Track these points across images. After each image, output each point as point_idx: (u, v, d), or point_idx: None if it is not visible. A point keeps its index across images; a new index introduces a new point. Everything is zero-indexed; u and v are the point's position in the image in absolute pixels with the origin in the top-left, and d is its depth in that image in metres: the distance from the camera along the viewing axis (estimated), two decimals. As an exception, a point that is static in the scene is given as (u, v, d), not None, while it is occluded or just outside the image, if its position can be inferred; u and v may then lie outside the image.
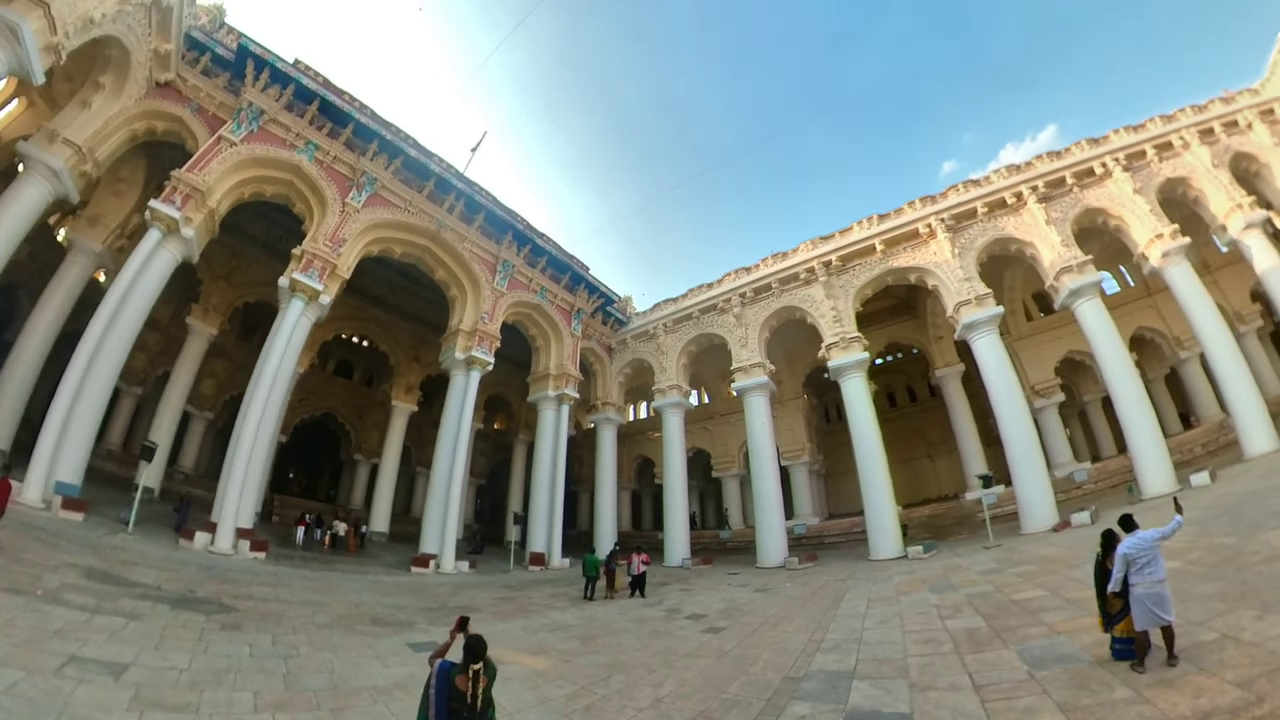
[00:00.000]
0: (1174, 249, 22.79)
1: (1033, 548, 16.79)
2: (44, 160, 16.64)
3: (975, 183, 26.58)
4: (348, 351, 39.65)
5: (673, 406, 30.53)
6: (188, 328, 27.63)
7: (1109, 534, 7.05)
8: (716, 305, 30.47)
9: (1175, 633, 6.17)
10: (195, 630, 8.99)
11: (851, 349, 25.51)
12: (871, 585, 15.79)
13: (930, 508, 31.31)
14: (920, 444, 39.15)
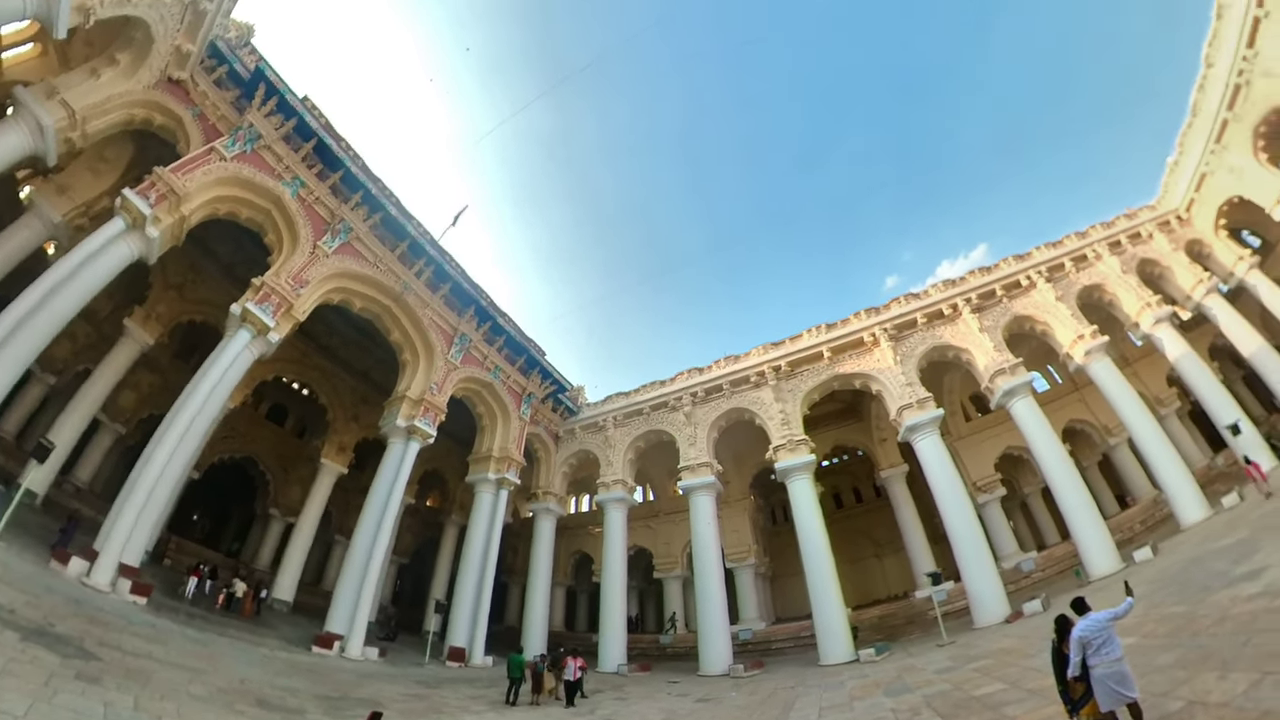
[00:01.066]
0: (1095, 347, 25.12)
1: (987, 641, 16.47)
2: (35, 112, 15.69)
3: (915, 295, 29.05)
4: (285, 396, 36.92)
5: (616, 501, 29.44)
6: (124, 329, 25.10)
7: (1062, 619, 7.06)
8: (668, 403, 30.58)
9: (1142, 708, 6.00)
10: (44, 672, 7.45)
11: (799, 451, 25.91)
12: (823, 692, 14.82)
13: (881, 608, 30.50)
14: (868, 544, 38.89)
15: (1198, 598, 10.96)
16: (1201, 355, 27.12)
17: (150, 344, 25.83)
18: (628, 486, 30.19)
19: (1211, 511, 20.26)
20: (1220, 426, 23.75)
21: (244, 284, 20.11)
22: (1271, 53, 22.69)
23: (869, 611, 29.87)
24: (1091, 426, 32.68)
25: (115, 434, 28.29)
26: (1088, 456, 33.95)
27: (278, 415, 37.10)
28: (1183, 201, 29.34)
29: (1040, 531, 34.00)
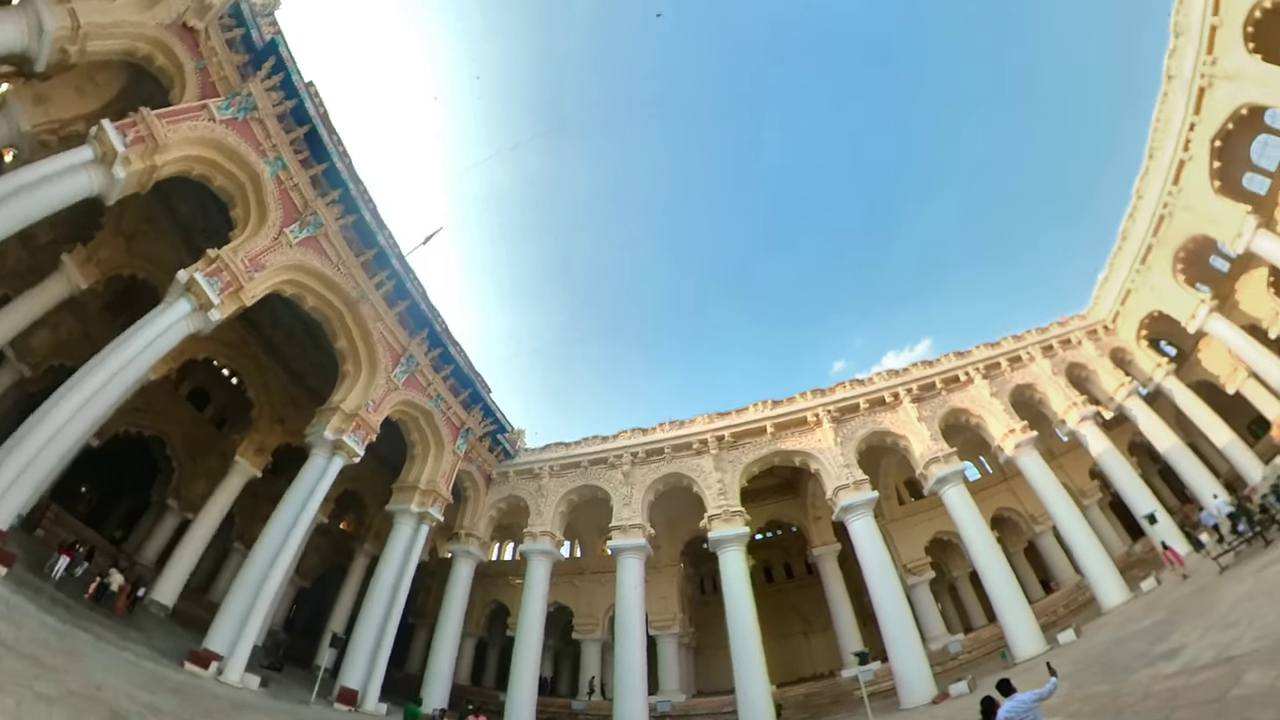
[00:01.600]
0: (1024, 441, 27.05)
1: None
2: (40, 11, 14.56)
3: (860, 381, 30.61)
4: (211, 380, 33.68)
5: (542, 554, 28.22)
6: (59, 264, 22.69)
7: (988, 701, 7.17)
8: (607, 459, 30.12)
9: None
10: None
11: (733, 522, 25.98)
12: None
13: (806, 686, 29.80)
14: (796, 621, 38.27)
15: (1120, 677, 11.27)
16: (1122, 451, 29.55)
17: (83, 288, 23.36)
18: (555, 540, 29.10)
19: (1131, 595, 21.43)
20: (1138, 516, 25.52)
21: (198, 252, 18.97)
22: (1193, 190, 26.67)
23: (794, 689, 29.14)
24: (1019, 515, 34.43)
25: (18, 374, 25.02)
26: (1014, 543, 35.48)
27: (199, 399, 33.70)
28: (1109, 314, 32.99)
29: (968, 614, 34.93)
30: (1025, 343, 31.94)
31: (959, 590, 36.13)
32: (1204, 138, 25.56)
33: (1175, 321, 29.88)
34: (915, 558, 32.93)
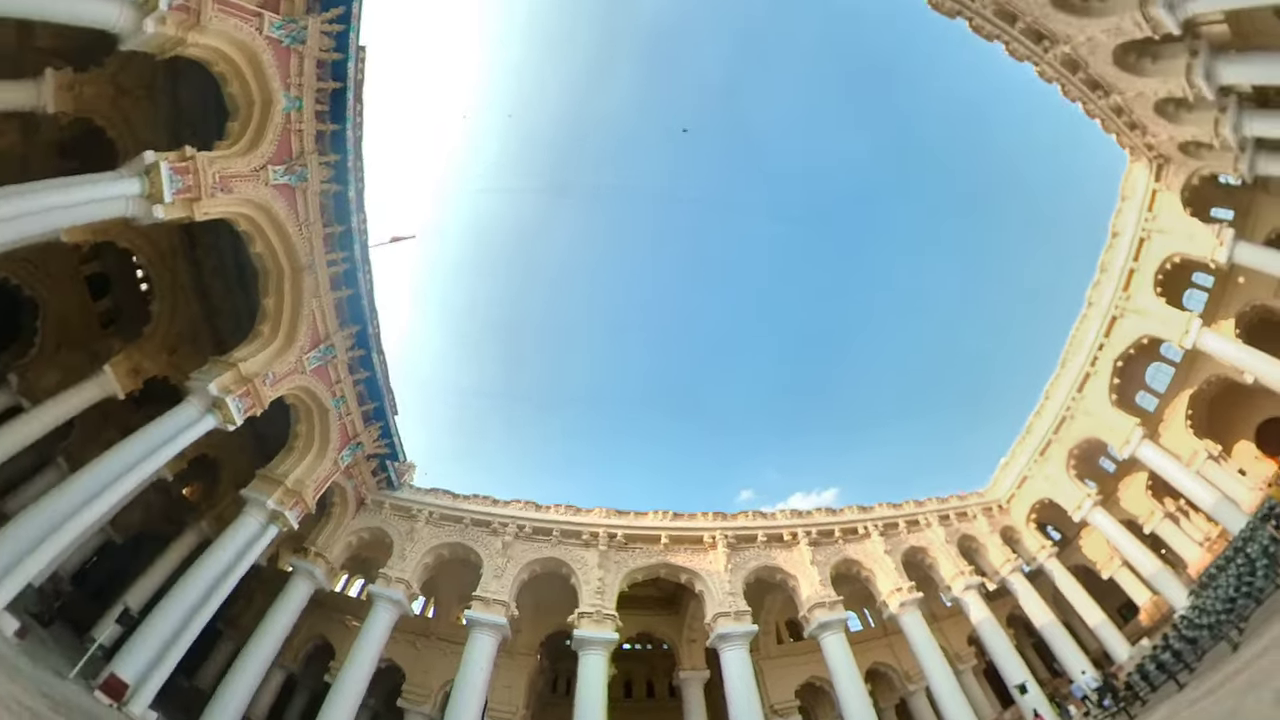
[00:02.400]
0: (910, 600, 28.03)
1: None
2: None
3: (763, 514, 31.46)
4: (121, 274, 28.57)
5: (391, 601, 25.45)
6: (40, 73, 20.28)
7: None
8: (491, 524, 28.48)
9: None
10: None
11: (604, 625, 24.93)
12: None
13: None
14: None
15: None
16: (1000, 622, 30.31)
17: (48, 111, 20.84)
18: (411, 591, 26.52)
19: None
20: (1010, 685, 26.25)
21: (175, 140, 18.49)
22: (1093, 399, 31.31)
23: None
24: (894, 671, 34.00)
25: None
26: (887, 698, 34.91)
27: (98, 286, 29.10)
28: (1006, 495, 36.09)
29: None
30: (925, 509, 33.92)
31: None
32: (1109, 357, 30.47)
33: (1063, 510, 33.03)
34: (784, 699, 31.49)
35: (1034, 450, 34.24)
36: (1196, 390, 30.42)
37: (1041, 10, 20.95)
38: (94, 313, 29.16)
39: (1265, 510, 21.21)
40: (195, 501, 32.85)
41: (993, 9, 21.86)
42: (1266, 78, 19.73)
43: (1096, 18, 20.39)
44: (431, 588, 33.18)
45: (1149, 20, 17.15)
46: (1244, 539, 21.13)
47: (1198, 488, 27.43)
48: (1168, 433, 30.89)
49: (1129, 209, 28.76)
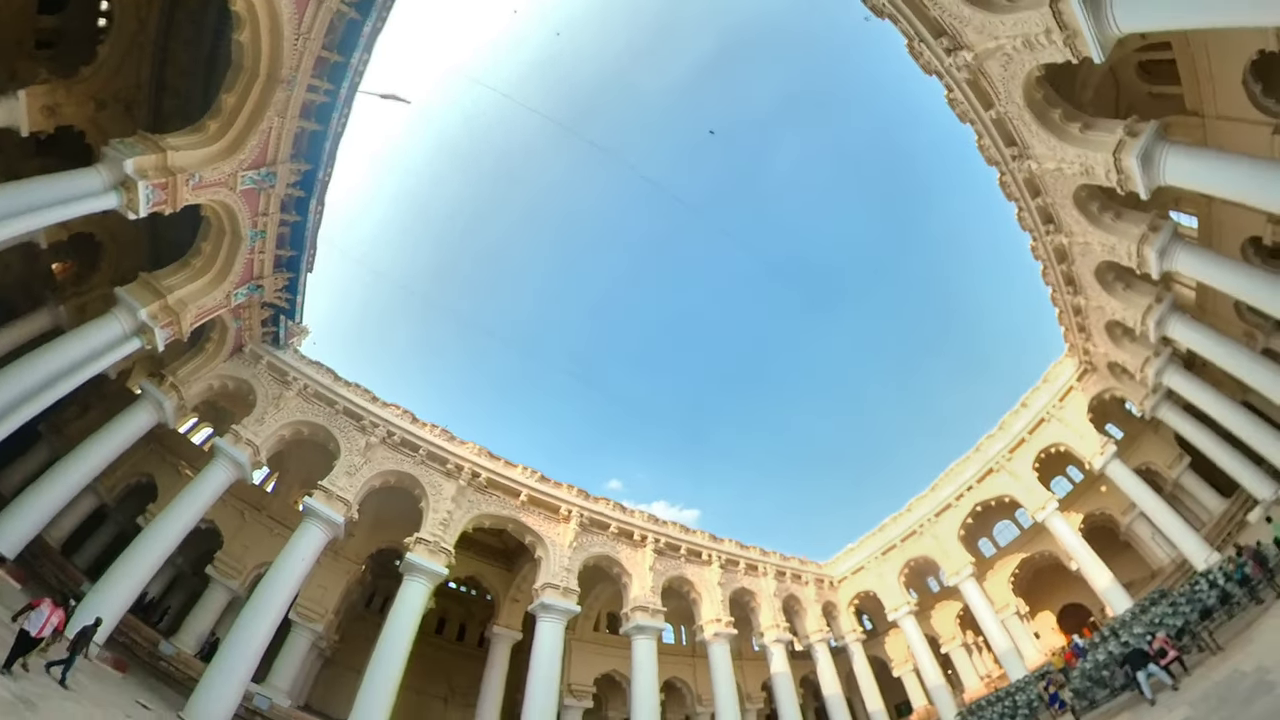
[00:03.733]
0: (724, 633, 29.93)
1: None
2: None
3: (623, 508, 31.93)
4: None
5: (233, 462, 22.77)
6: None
7: None
8: (363, 420, 26.24)
9: None
10: None
11: (438, 557, 23.99)
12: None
13: None
14: (443, 685, 34.32)
15: None
16: (795, 679, 33.17)
17: None
18: (257, 458, 23.80)
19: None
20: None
21: None
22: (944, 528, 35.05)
23: None
24: (689, 690, 36.42)
25: None
26: (675, 712, 37.20)
27: None
28: (839, 575, 39.71)
29: None
30: (767, 559, 36.43)
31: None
32: (973, 499, 34.03)
33: (882, 606, 36.76)
34: (583, 683, 32.50)
35: (879, 548, 37.83)
36: (1029, 556, 35.40)
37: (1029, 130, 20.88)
38: (33, 25, 23.54)
39: (1042, 671, 24.43)
40: (62, 282, 27.82)
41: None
42: (1203, 349, 22.08)
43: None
44: (279, 462, 30.82)
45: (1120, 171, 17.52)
46: (1017, 688, 24.29)
47: (997, 633, 31.28)
48: (992, 580, 35.38)
49: (1044, 391, 32.30)
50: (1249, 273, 17.95)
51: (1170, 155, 16.45)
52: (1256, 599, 13.64)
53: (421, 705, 32.12)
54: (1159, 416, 27.63)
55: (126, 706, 13.42)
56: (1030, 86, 18.64)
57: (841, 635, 37.03)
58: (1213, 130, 20.62)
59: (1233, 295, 18.97)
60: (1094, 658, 19.26)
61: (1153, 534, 29.78)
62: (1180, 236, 19.87)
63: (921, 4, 18.24)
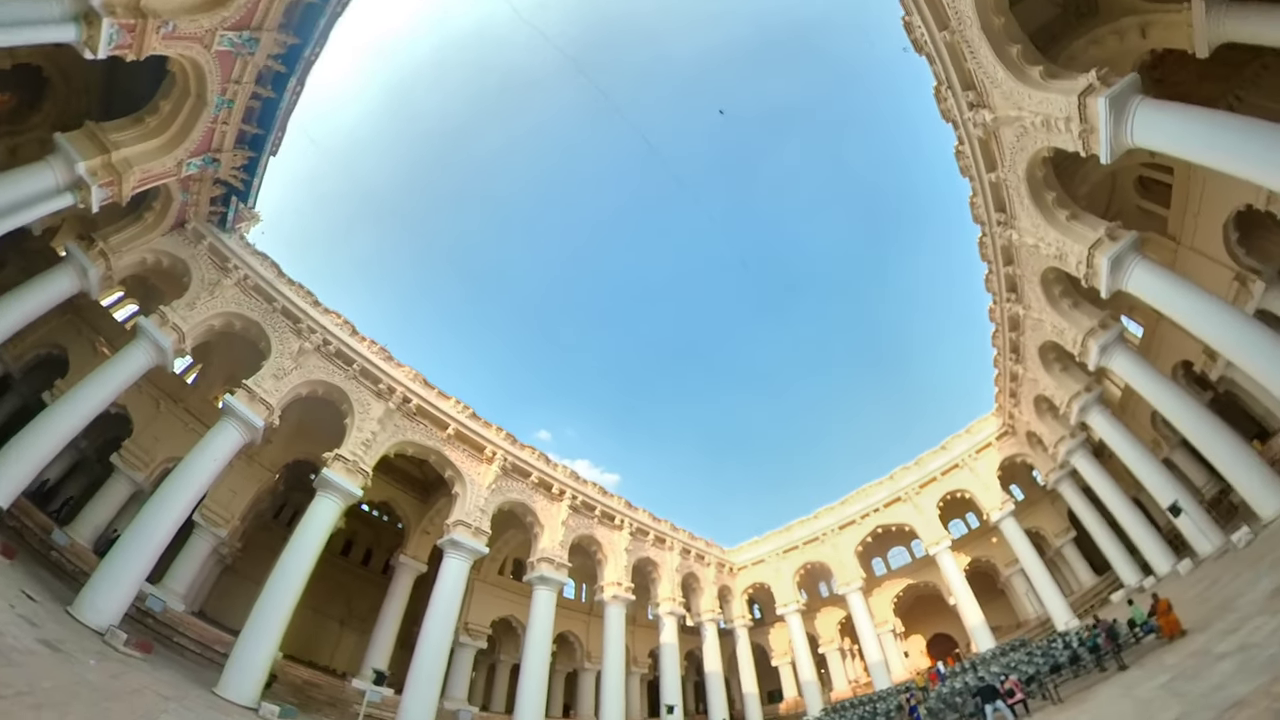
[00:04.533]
0: (623, 597, 31.35)
1: None
2: None
3: (547, 460, 31.99)
4: None
5: (155, 346, 21.09)
6: None
7: None
8: (301, 324, 24.71)
9: None
10: None
11: (355, 477, 23.35)
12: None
13: (313, 674, 26.28)
14: (342, 607, 34.32)
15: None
16: (681, 652, 35.20)
17: None
18: (181, 345, 22.00)
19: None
20: (664, 701, 31.34)
21: None
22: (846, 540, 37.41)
23: (300, 670, 25.68)
24: (580, 644, 38.20)
25: None
26: (564, 664, 38.80)
27: None
28: (741, 563, 42.49)
29: (493, 695, 36.18)
30: (676, 535, 38.14)
31: (497, 671, 37.21)
32: (876, 521, 36.83)
33: (774, 599, 39.54)
34: (480, 624, 33.25)
35: (782, 546, 40.46)
36: (914, 583, 38.99)
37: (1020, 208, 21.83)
38: None
39: (905, 687, 27.39)
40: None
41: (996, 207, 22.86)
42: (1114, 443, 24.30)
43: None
44: (204, 354, 28.89)
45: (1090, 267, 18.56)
46: (880, 697, 27.35)
47: (872, 645, 34.34)
48: (876, 597, 38.72)
49: (965, 440, 35.04)
50: (1173, 391, 19.70)
51: (1138, 267, 17.64)
52: (1101, 666, 15.33)
53: (318, 625, 32.15)
54: (1059, 490, 30.48)
55: (11, 596, 12.66)
56: (1035, 163, 19.30)
57: (731, 619, 39.43)
58: (1182, 257, 22.55)
59: (1153, 405, 20.76)
60: (952, 684, 21.58)
61: (1027, 590, 33.13)
62: (1124, 340, 21.50)
63: (960, 54, 18.40)
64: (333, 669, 29.75)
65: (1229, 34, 16.47)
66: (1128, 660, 14.54)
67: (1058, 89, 16.02)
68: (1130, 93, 14.43)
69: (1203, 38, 16.67)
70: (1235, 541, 17.06)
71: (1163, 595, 15.09)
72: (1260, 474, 16.80)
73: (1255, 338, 15.03)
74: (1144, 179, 23.41)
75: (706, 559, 39.62)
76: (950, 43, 18.12)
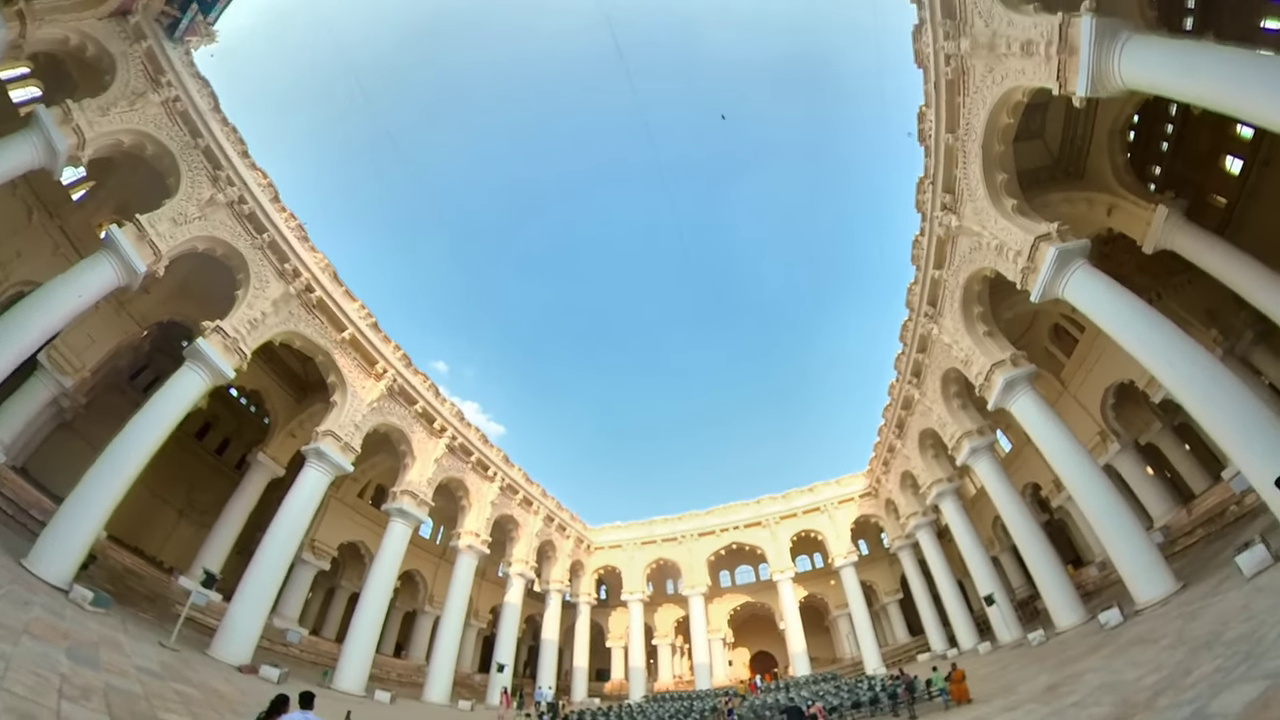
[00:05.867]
0: (478, 548, 31.48)
1: (210, 674, 14.95)
2: None
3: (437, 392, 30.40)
4: None
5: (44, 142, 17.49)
6: None
7: (282, 700, 7.50)
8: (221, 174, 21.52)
9: None
10: None
11: (231, 356, 20.98)
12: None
13: (137, 561, 23.59)
14: (183, 496, 30.92)
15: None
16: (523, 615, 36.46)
17: None
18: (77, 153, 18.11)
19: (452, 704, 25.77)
20: (495, 658, 31.32)
21: None
22: (701, 548, 39.51)
23: (123, 555, 23.10)
24: (424, 586, 37.91)
25: None
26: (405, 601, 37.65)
27: None
28: (599, 544, 44.18)
29: (326, 622, 34.38)
30: (546, 501, 38.63)
31: (335, 597, 35.64)
32: (732, 538, 39.90)
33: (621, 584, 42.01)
34: (328, 544, 31.80)
35: (642, 538, 42.46)
36: (752, 602, 42.52)
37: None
38: None
39: (726, 691, 29.88)
40: None
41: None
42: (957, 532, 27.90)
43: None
44: (100, 171, 24.08)
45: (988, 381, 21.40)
46: (699, 696, 29.56)
47: (702, 648, 37.24)
48: (716, 605, 41.86)
49: (832, 489, 39.08)
50: (1018, 505, 23.03)
51: (1025, 395, 20.37)
52: (895, 713, 17.82)
53: (153, 510, 28.97)
54: (899, 555, 34.69)
55: None
56: (976, 277, 21.56)
57: (578, 594, 40.77)
58: (1065, 401, 26.54)
59: (998, 510, 24.12)
60: (765, 698, 24.00)
61: (849, 632, 37.44)
62: (993, 450, 24.73)
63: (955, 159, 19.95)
64: (160, 561, 26.86)
65: (1175, 245, 19.63)
66: (918, 712, 16.94)
67: (1021, 225, 17.95)
68: (1078, 254, 16.56)
69: (1153, 239, 19.72)
70: (1031, 639, 20.33)
71: (961, 666, 17.68)
72: (1066, 593, 20.04)
73: (1099, 487, 17.93)
74: (1059, 327, 27.07)
75: (568, 531, 40.33)
76: (950, 146, 19.59)
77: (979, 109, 17.73)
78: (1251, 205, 21.01)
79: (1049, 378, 26.81)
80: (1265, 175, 20.31)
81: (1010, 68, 15.64)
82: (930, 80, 18.84)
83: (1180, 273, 21.78)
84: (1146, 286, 21.33)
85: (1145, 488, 25.29)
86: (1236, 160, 21.21)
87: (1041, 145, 22.05)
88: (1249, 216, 21.05)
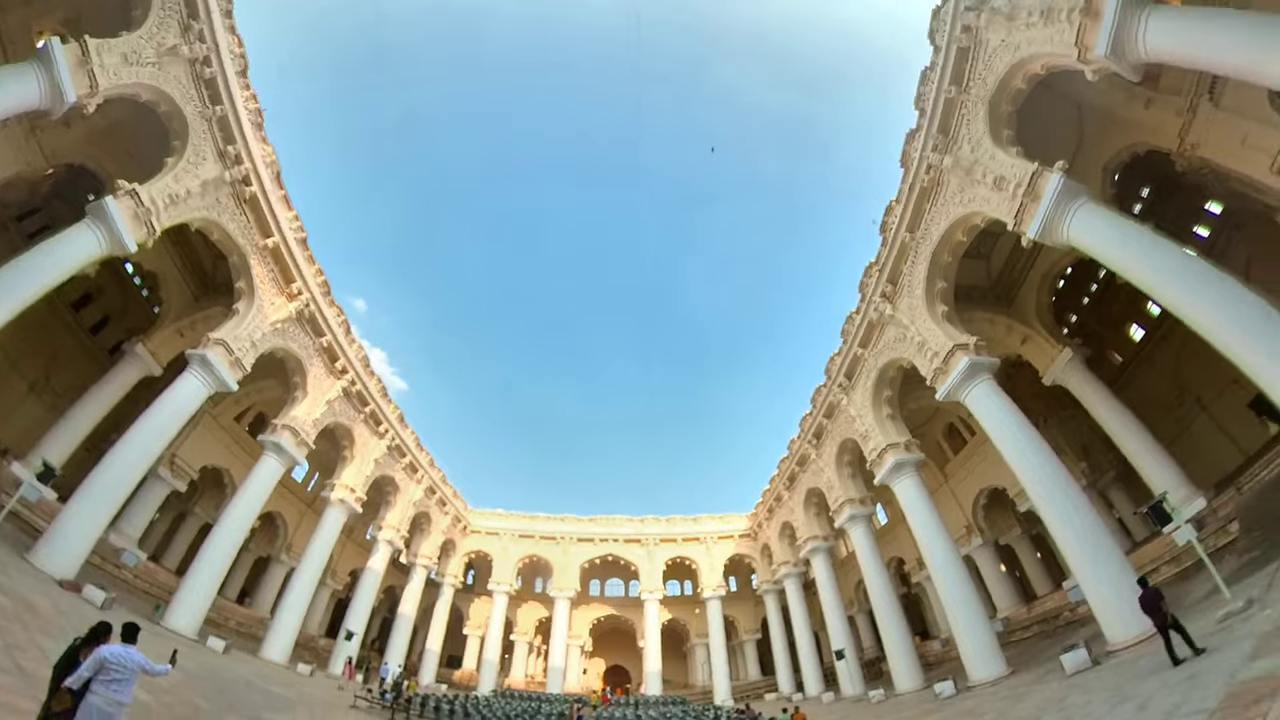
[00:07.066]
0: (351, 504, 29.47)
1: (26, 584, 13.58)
2: None
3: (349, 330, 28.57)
4: None
5: None
6: None
7: (103, 628, 6.48)
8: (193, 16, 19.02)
9: None
10: None
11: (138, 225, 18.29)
12: None
13: None
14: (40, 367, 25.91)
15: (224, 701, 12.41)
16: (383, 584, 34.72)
17: None
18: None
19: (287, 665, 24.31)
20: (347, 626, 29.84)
21: None
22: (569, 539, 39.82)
23: None
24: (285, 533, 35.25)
25: None
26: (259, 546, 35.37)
27: None
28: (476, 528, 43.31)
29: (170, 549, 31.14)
30: (433, 472, 37.24)
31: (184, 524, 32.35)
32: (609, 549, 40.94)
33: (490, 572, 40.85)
34: (190, 464, 28.76)
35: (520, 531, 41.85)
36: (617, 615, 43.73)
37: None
38: None
39: (577, 698, 29.91)
40: None
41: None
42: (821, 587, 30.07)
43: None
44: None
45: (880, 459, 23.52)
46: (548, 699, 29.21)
47: (560, 651, 37.31)
48: (580, 613, 42.06)
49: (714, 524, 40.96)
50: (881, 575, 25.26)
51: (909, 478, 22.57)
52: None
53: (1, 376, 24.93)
54: (764, 598, 36.74)
55: None
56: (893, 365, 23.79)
57: (444, 574, 39.39)
58: (943, 491, 29.63)
59: (863, 575, 26.45)
60: (614, 711, 24.50)
61: (705, 661, 38.91)
62: (870, 521, 27.12)
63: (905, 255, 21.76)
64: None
65: (1070, 384, 22.81)
66: (756, 748, 18.16)
67: (946, 331, 20.03)
68: (986, 369, 18.71)
69: (1053, 374, 22.92)
70: (872, 696, 22.44)
71: (804, 710, 19.09)
72: (910, 660, 22.25)
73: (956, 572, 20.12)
74: (954, 426, 30.15)
75: (447, 508, 39.03)
76: (906, 243, 21.53)
77: (940, 220, 19.72)
78: (1142, 369, 24.89)
79: (934, 469, 29.76)
80: (1161, 347, 24.05)
81: (979, 194, 17.55)
82: (907, 181, 20.75)
83: (1068, 408, 25.05)
84: (1036, 412, 24.19)
85: (996, 581, 28.37)
86: (1140, 329, 25.09)
87: (984, 266, 24.77)
88: (1137, 377, 24.90)
